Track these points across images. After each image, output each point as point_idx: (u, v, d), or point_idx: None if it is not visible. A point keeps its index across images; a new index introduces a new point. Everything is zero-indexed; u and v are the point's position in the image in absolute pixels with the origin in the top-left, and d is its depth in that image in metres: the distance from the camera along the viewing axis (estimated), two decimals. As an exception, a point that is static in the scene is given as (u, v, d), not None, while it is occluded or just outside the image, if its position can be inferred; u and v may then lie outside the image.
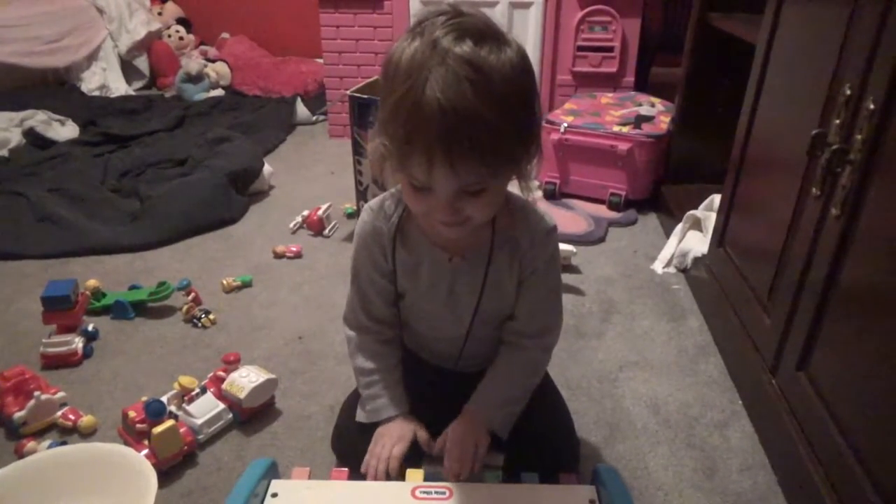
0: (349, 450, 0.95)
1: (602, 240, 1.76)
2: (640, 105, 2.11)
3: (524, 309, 0.88)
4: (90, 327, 1.31)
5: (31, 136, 2.37)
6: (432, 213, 0.73)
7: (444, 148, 0.64)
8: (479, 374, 0.94)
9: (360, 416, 0.91)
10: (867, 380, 0.78)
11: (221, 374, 1.11)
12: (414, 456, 0.89)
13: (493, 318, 0.90)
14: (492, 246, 0.83)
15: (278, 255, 1.67)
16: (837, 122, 0.85)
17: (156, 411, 0.98)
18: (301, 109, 2.84)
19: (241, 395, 1.05)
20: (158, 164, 2.14)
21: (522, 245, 0.84)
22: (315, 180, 2.19)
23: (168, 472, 0.97)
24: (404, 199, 0.78)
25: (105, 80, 3.18)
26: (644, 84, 2.49)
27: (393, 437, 0.87)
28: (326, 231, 1.79)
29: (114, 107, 2.84)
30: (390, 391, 0.90)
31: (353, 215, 1.85)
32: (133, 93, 3.23)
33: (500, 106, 0.65)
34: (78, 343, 1.24)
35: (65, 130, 2.47)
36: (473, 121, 0.63)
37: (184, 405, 1.05)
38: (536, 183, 0.84)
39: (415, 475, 0.85)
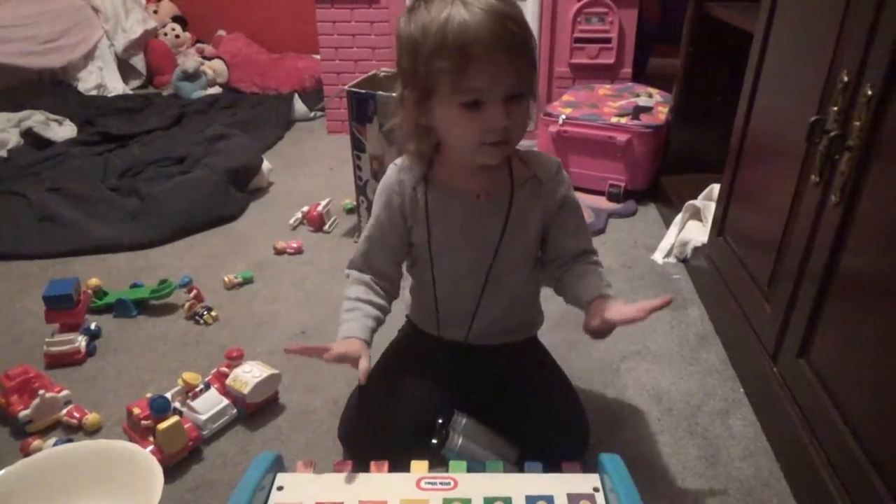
0: (356, 440, 0.97)
1: (602, 231, 1.76)
2: (639, 96, 2.11)
3: (565, 237, 0.95)
4: (93, 326, 1.31)
5: (30, 136, 2.37)
6: (484, 130, 0.80)
7: (502, 44, 0.75)
8: (487, 349, 0.98)
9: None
10: (868, 365, 0.78)
11: (225, 369, 1.11)
12: (418, 446, 0.90)
13: (512, 262, 0.93)
14: (512, 185, 0.90)
15: (279, 252, 1.67)
16: (835, 108, 0.86)
17: (160, 407, 0.99)
18: (299, 105, 2.84)
19: (245, 391, 1.06)
20: (157, 163, 2.14)
21: (542, 180, 0.91)
22: (314, 176, 2.19)
23: (174, 468, 0.98)
24: (449, 133, 0.84)
25: (102, 79, 3.17)
26: (642, 75, 2.50)
27: (342, 344, 0.88)
28: (326, 227, 1.79)
29: (111, 106, 2.84)
30: (362, 322, 0.92)
31: (352, 210, 1.85)
32: (130, 92, 3.23)
33: (524, 21, 0.78)
34: (81, 341, 1.24)
35: (63, 130, 2.46)
36: (516, 20, 0.76)
37: (188, 401, 1.05)
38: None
39: (419, 466, 0.85)
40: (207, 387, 1.08)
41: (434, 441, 0.93)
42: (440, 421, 0.94)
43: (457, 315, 0.98)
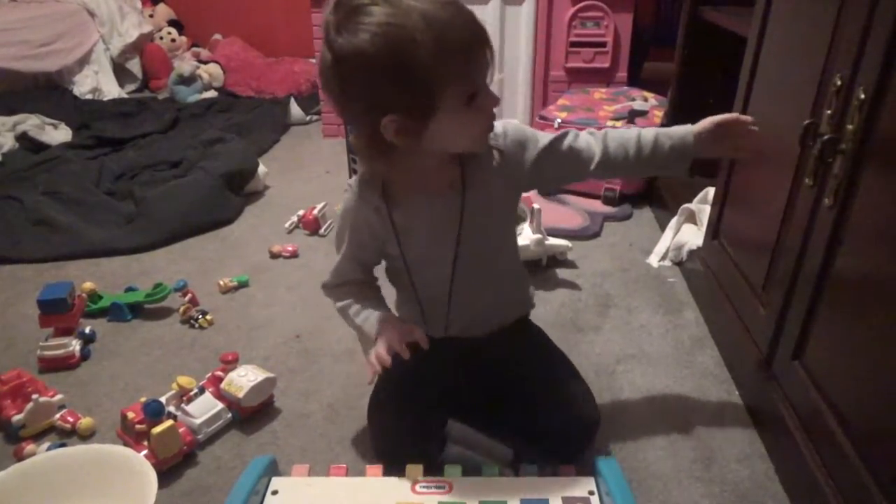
0: (386, 423, 0.97)
1: (597, 234, 1.77)
2: (634, 100, 2.12)
3: (575, 158, 0.92)
4: (87, 330, 1.30)
5: (25, 140, 2.37)
6: (486, 116, 0.80)
7: (478, 28, 0.75)
8: (478, 341, 0.97)
9: (365, 341, 0.93)
10: (862, 367, 0.79)
11: (220, 373, 1.11)
12: (418, 447, 0.90)
13: (480, 246, 0.91)
14: (462, 169, 0.87)
15: (274, 255, 1.67)
16: (829, 112, 0.86)
17: (154, 412, 0.98)
18: (295, 109, 2.84)
19: (240, 395, 1.05)
20: (153, 167, 2.14)
21: (497, 148, 0.88)
22: (310, 180, 2.19)
23: (168, 472, 0.97)
24: (452, 135, 0.79)
25: (97, 83, 3.17)
26: (637, 79, 2.50)
27: (397, 323, 0.89)
28: (322, 230, 1.79)
29: (107, 110, 2.84)
30: (381, 307, 0.94)
31: (348, 214, 1.85)
32: (126, 95, 3.23)
33: None
34: (75, 345, 1.24)
35: (58, 134, 2.46)
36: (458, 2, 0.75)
37: (182, 405, 1.05)
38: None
39: (414, 470, 0.85)
40: (202, 391, 1.08)
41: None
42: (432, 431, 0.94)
43: (440, 312, 0.97)
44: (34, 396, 1.06)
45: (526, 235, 1.49)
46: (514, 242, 1.01)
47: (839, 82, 0.84)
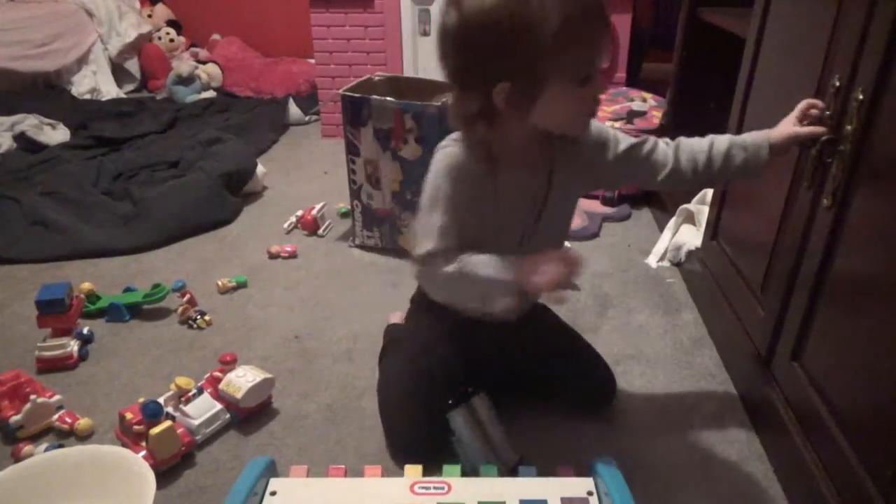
0: (400, 418, 1.01)
1: (596, 235, 1.77)
2: (632, 100, 2.11)
3: (645, 161, 0.94)
4: (85, 330, 1.30)
5: (23, 140, 2.36)
6: (591, 100, 0.81)
7: (603, 11, 0.76)
8: (502, 324, 0.97)
9: (493, 294, 0.86)
10: (860, 368, 0.79)
11: (218, 374, 1.11)
12: (433, 440, 0.92)
13: (551, 229, 0.95)
14: (552, 149, 0.90)
15: (273, 256, 1.67)
16: (827, 113, 0.86)
17: (153, 412, 0.98)
18: (293, 110, 2.84)
19: (238, 395, 1.05)
20: (151, 167, 2.14)
21: (576, 140, 0.90)
22: (309, 180, 2.19)
23: (166, 473, 0.97)
24: (555, 112, 0.81)
25: (96, 83, 3.16)
26: (636, 79, 2.50)
27: (535, 263, 0.81)
28: (321, 231, 1.79)
29: (105, 110, 2.83)
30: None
31: (347, 215, 1.85)
32: (124, 95, 3.22)
33: None
34: (73, 346, 1.23)
35: (56, 134, 2.46)
36: None
37: (181, 406, 1.05)
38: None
39: (413, 471, 0.85)
40: (200, 391, 1.08)
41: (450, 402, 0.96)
42: (459, 394, 0.96)
43: None
44: (32, 397, 1.06)
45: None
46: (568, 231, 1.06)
47: (838, 83, 0.84)
